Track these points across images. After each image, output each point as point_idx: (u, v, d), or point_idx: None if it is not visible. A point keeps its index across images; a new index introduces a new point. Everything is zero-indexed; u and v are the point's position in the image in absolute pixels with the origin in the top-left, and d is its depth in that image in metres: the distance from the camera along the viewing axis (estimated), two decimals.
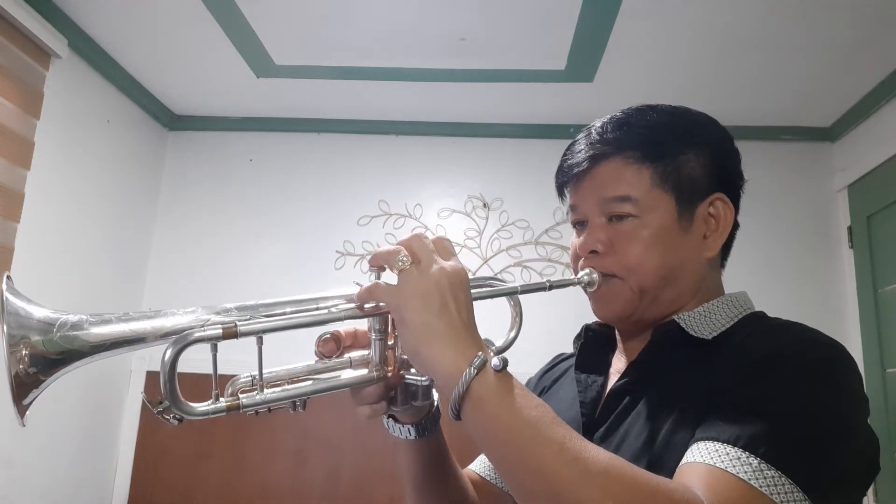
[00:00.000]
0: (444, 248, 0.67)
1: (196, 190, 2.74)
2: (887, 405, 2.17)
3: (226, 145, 2.78)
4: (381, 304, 0.67)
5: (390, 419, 0.79)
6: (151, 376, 2.53)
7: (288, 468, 2.48)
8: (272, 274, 2.63)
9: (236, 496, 2.46)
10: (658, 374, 0.74)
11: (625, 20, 1.92)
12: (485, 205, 2.68)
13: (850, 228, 2.46)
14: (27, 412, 0.59)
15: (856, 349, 2.35)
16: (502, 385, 0.59)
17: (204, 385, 0.63)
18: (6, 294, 0.59)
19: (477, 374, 0.58)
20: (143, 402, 0.63)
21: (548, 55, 2.16)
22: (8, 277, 0.61)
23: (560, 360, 1.00)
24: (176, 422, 0.61)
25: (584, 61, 2.17)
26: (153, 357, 2.54)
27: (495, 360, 0.60)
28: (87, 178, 2.23)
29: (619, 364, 0.84)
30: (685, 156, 0.78)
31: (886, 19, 1.86)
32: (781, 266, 2.48)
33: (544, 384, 0.97)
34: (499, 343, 0.79)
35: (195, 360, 0.79)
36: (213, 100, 2.63)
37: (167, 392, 0.59)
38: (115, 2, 1.94)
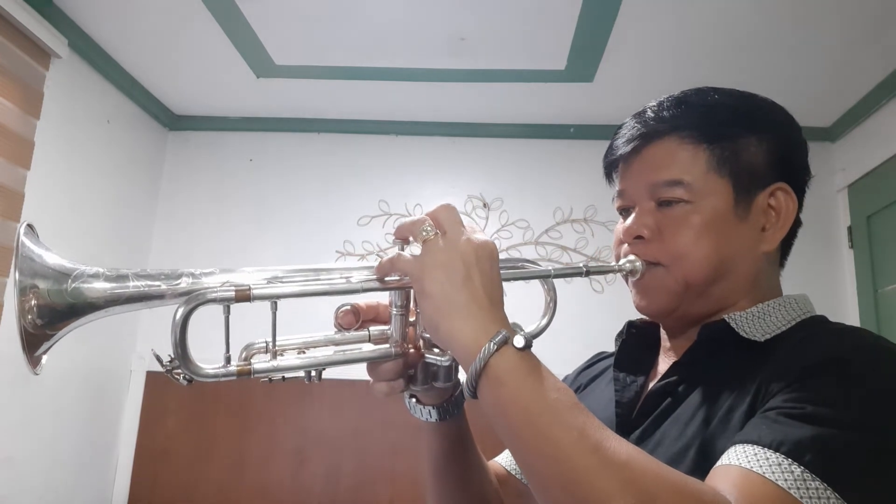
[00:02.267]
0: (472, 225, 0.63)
1: (196, 190, 2.74)
2: None
3: (226, 145, 2.78)
4: (404, 277, 0.63)
5: (412, 399, 0.77)
6: (151, 376, 2.53)
7: (288, 468, 2.48)
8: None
9: (236, 496, 2.46)
10: (703, 376, 0.68)
11: (625, 20, 1.92)
12: (485, 205, 2.68)
13: (850, 228, 2.46)
14: (41, 362, 0.59)
15: None
16: (523, 364, 0.55)
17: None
18: (23, 238, 0.58)
19: (497, 350, 0.55)
20: (154, 357, 0.62)
21: (548, 55, 2.16)
22: (29, 226, 0.60)
23: (600, 358, 0.95)
24: (186, 382, 0.60)
25: (584, 61, 2.17)
26: (154, 357, 2.54)
27: (518, 338, 0.56)
28: (87, 178, 2.23)
29: (663, 365, 0.78)
30: (746, 140, 0.71)
31: (886, 19, 1.86)
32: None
33: (580, 382, 0.92)
34: (529, 329, 0.73)
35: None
36: (213, 100, 2.63)
37: (177, 351, 0.57)
38: (115, 2, 1.94)
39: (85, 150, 2.21)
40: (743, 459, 0.53)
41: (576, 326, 2.34)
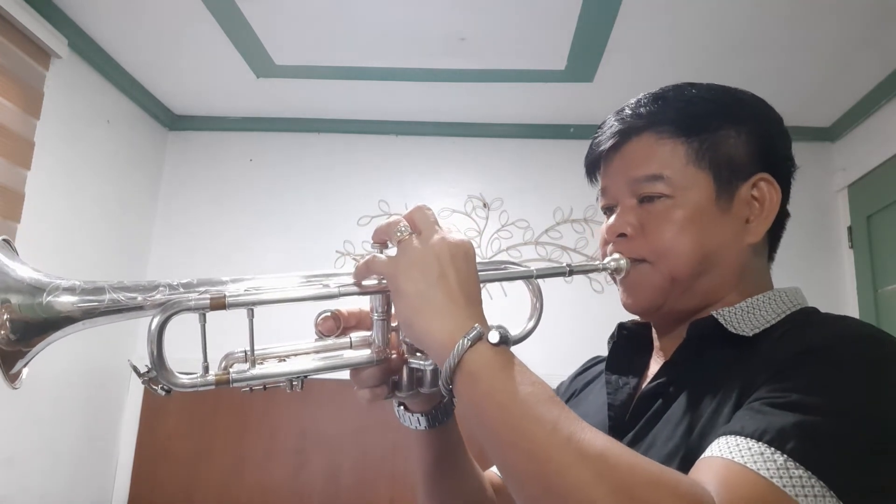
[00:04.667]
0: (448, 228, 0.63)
1: (196, 190, 2.74)
2: None
3: (226, 145, 2.77)
4: (381, 279, 0.63)
5: (401, 407, 0.76)
6: None
7: (288, 468, 2.48)
8: None
9: (236, 496, 2.46)
10: (693, 375, 0.67)
11: (625, 20, 1.92)
12: (485, 205, 2.68)
13: (850, 228, 2.46)
14: (21, 377, 0.58)
15: None
16: (498, 360, 0.55)
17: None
18: None
19: (471, 346, 0.55)
20: (131, 368, 0.61)
21: (548, 55, 2.16)
22: (5, 240, 0.60)
23: (594, 362, 0.94)
24: (164, 392, 0.59)
25: (584, 61, 2.17)
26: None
27: (493, 334, 0.55)
28: (87, 178, 2.23)
29: (655, 365, 0.77)
30: (725, 132, 0.71)
31: (886, 19, 1.86)
32: (781, 266, 2.46)
33: (575, 388, 0.90)
34: (515, 332, 0.71)
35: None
36: (213, 100, 2.63)
37: (154, 361, 0.57)
38: (115, 2, 1.94)
39: (85, 150, 2.21)
40: (725, 450, 0.52)
41: (576, 326, 2.35)
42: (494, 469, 0.89)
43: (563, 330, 2.24)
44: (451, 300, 0.58)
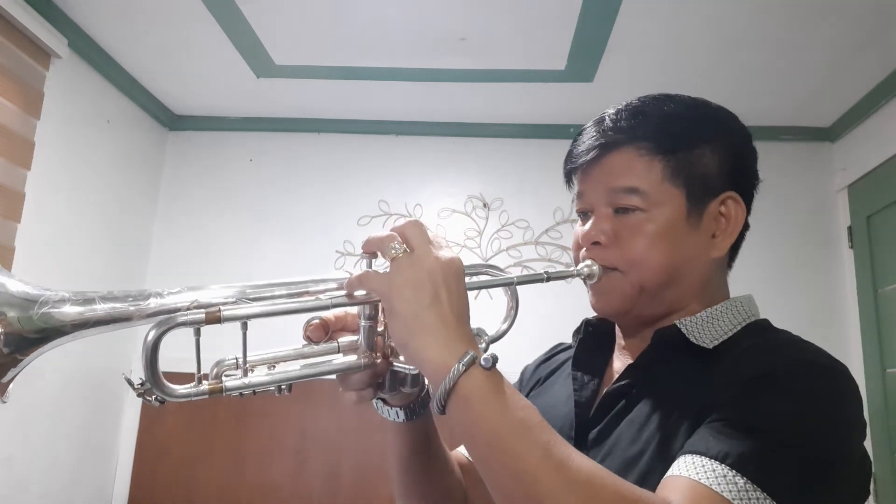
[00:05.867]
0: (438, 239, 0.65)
1: (196, 190, 2.74)
2: (887, 405, 2.17)
3: (226, 145, 2.78)
4: (372, 293, 0.65)
5: (380, 401, 0.79)
6: None
7: (288, 468, 2.48)
8: (272, 274, 2.63)
9: (236, 496, 2.46)
10: (656, 379, 0.72)
11: (625, 20, 1.92)
12: (485, 205, 2.68)
13: (850, 228, 2.46)
14: (8, 389, 0.58)
15: (856, 349, 2.36)
16: (490, 384, 0.57)
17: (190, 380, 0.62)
18: None
19: (465, 371, 0.57)
20: (126, 381, 0.62)
21: (548, 55, 2.16)
22: None
23: (558, 350, 0.98)
24: (158, 403, 0.61)
25: (584, 61, 2.17)
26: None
27: (485, 358, 0.58)
28: (87, 178, 2.23)
29: (618, 363, 0.82)
30: (700, 150, 0.75)
31: (886, 19, 1.86)
32: (781, 266, 2.47)
33: (539, 375, 0.95)
34: (491, 333, 0.76)
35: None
36: (213, 100, 2.63)
37: (148, 373, 0.58)
38: (115, 2, 1.94)
39: (85, 150, 2.21)
40: (692, 470, 0.57)
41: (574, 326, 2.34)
42: (460, 449, 0.92)
43: (562, 329, 2.24)
44: (443, 322, 0.60)
